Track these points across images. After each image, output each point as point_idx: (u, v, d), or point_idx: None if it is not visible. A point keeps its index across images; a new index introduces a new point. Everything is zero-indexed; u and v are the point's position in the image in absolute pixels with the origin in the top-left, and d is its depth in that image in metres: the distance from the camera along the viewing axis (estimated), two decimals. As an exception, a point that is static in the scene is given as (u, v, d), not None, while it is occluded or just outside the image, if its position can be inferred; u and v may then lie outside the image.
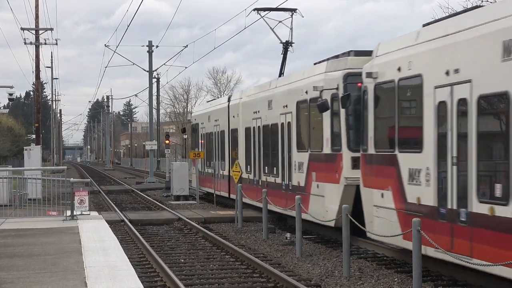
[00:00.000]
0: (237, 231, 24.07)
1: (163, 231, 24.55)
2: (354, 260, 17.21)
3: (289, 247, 19.80)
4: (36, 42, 47.17)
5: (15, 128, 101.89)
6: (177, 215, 27.72)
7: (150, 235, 23.43)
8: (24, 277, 12.80)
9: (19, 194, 27.90)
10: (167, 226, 26.06)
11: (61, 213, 23.98)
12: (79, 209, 23.53)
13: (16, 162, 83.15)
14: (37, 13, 46.93)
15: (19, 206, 26.64)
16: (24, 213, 24.65)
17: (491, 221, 12.16)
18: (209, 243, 21.15)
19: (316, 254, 18.64)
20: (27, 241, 18.08)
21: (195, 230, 24.17)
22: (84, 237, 18.43)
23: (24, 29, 48.21)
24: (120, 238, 21.18)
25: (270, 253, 19.05)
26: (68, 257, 15.05)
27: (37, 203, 25.41)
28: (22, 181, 28.75)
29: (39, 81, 48.82)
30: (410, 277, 14.50)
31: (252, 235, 22.97)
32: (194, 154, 34.77)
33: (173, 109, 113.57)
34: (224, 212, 29.23)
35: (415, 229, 12.66)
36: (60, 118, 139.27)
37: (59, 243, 17.39)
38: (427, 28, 15.15)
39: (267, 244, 20.85)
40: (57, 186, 25.20)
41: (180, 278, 15.03)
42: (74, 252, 15.78)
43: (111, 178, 69.89)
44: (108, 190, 46.38)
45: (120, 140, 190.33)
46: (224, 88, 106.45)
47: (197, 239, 22.25)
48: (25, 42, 48.46)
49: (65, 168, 27.53)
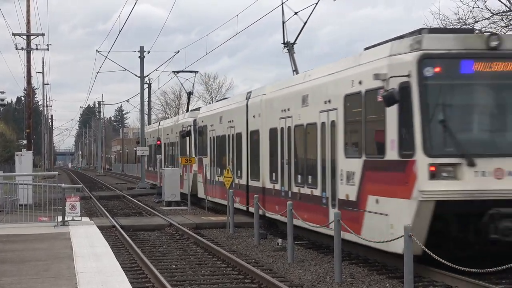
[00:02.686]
0: (229, 237, 24.06)
1: (154, 237, 24.52)
2: (345, 265, 17.22)
3: (281, 253, 19.80)
4: (28, 47, 47.07)
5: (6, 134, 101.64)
6: (168, 221, 27.69)
7: (142, 241, 23.41)
8: (15, 283, 12.77)
9: (10, 199, 27.82)
10: (159, 232, 26.03)
11: (53, 219, 23.93)
12: (71, 215, 23.48)
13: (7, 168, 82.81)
14: (28, 19, 46.83)
15: (10, 211, 26.57)
16: (15, 219, 24.58)
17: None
18: (200, 249, 21.14)
19: (307, 259, 18.65)
20: (18, 247, 18.03)
21: (187, 236, 24.15)
22: (76, 243, 18.39)
23: (15, 34, 48.09)
24: (112, 244, 21.14)
25: (261, 259, 19.05)
26: (60, 263, 15.03)
27: (28, 208, 25.34)
28: (13, 186, 28.65)
29: (30, 86, 48.70)
30: (402, 282, 14.52)
31: (244, 241, 22.97)
32: (186, 160, 34.67)
33: (165, 115, 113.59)
34: (215, 218, 29.22)
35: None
36: (52, 124, 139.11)
37: (51, 249, 17.35)
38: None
39: (258, 250, 20.85)
40: (48, 191, 25.14)
41: (171, 284, 15.03)
42: (66, 258, 15.75)
43: (103, 183, 69.78)
44: (100, 196, 46.30)
45: (111, 145, 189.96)
46: (215, 94, 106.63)
47: (189, 245, 22.24)
48: (16, 48, 48.44)
49: (57, 173, 27.40)
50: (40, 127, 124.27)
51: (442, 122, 14.94)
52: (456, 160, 14.64)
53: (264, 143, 24.73)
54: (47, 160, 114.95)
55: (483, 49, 15.07)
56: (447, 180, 14.59)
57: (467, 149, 14.73)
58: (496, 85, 15.32)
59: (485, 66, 15.06)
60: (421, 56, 14.96)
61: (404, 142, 15.17)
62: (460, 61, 15.04)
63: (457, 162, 14.62)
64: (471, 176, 14.58)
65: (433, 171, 14.57)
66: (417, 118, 14.80)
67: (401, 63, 15.34)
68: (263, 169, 24.85)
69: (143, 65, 58.66)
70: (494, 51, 15.04)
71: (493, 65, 15.09)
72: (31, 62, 47.34)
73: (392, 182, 15.53)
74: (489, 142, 15.20)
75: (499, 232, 14.38)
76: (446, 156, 14.71)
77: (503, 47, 15.10)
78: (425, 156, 14.64)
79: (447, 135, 14.95)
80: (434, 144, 14.78)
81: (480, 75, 15.06)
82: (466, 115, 15.39)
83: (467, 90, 15.35)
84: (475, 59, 15.03)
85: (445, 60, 15.02)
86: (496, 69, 15.09)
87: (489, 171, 14.63)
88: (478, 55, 15.03)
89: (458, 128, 15.09)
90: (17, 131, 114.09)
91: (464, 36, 15.48)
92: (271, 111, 24.01)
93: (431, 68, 14.97)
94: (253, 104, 26.17)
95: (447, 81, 15.15)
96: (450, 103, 15.20)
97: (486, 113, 15.47)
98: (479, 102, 15.47)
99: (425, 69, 14.94)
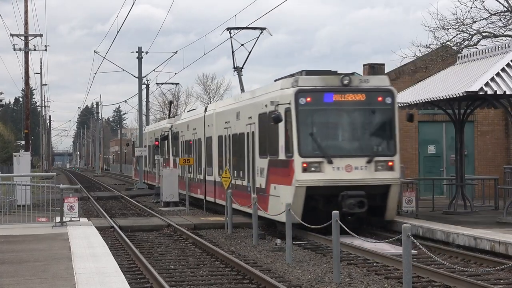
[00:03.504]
0: (227, 237, 24.07)
1: (153, 237, 24.52)
2: (344, 266, 17.24)
3: (279, 253, 19.81)
4: (25, 48, 47.09)
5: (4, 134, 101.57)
6: (166, 221, 27.69)
7: (140, 241, 23.40)
8: (14, 283, 12.77)
9: (8, 200, 27.83)
10: (157, 232, 26.04)
11: (51, 220, 23.96)
12: (69, 216, 23.51)
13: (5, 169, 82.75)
14: (26, 19, 46.83)
15: (8, 212, 26.59)
16: (13, 220, 24.60)
17: None
18: (199, 249, 21.14)
19: (306, 260, 18.65)
20: (17, 247, 18.03)
21: (185, 236, 24.15)
22: (74, 244, 18.40)
23: (13, 35, 48.10)
24: (110, 244, 21.15)
25: (260, 259, 19.05)
26: (58, 263, 15.03)
27: (27, 209, 25.38)
28: (12, 187, 28.68)
29: (28, 87, 48.71)
30: (400, 283, 14.56)
31: (242, 241, 22.98)
32: (184, 160, 34.85)
33: (163, 115, 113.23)
34: (214, 218, 29.23)
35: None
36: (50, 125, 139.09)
37: (49, 250, 17.36)
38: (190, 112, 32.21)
39: (257, 250, 20.85)
40: (46, 192, 25.20)
41: (170, 284, 15.03)
42: (64, 258, 15.75)
43: (101, 184, 69.81)
44: (98, 197, 46.31)
45: (109, 146, 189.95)
46: (214, 94, 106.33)
47: (187, 245, 22.24)
48: (14, 48, 48.43)
49: (55, 174, 27.40)
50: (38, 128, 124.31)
51: (311, 134, 22.25)
52: (320, 159, 22.02)
53: (215, 147, 31.31)
54: (45, 161, 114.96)
55: (339, 85, 22.38)
56: (314, 173, 21.91)
57: (327, 152, 22.10)
58: (347, 109, 22.49)
59: (340, 97, 22.30)
60: (297, 90, 22.17)
61: (287, 148, 22.30)
62: (323, 93, 22.32)
63: (321, 161, 22.02)
64: (330, 170, 21.97)
65: (305, 167, 21.86)
66: (294, 132, 22.03)
67: (285, 95, 22.50)
68: (214, 166, 31.58)
69: (141, 65, 58.72)
70: (346, 87, 22.37)
71: (345, 96, 22.33)
72: (29, 63, 47.41)
73: (282, 174, 22.64)
74: (342, 148, 22.62)
75: (346, 207, 21.47)
76: (313, 157, 22.02)
77: (352, 84, 22.43)
78: (299, 157, 21.92)
79: (314, 143, 22.22)
80: (305, 149, 22.05)
81: (336, 103, 22.33)
82: (327, 130, 22.79)
83: (328, 113, 22.62)
84: (333, 92, 22.31)
85: (313, 93, 22.21)
86: (347, 99, 22.34)
87: (341, 167, 22.02)
88: (335, 90, 22.35)
89: (321, 139, 22.39)
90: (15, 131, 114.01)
91: (326, 77, 22.68)
92: (219, 122, 30.71)
93: (304, 98, 22.11)
94: (208, 116, 32.98)
95: (315, 107, 22.25)
96: (316, 122, 22.51)
97: (340, 128, 22.89)
98: (336, 121, 22.80)
99: (300, 99, 22.09)
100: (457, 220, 23.07)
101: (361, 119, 22.68)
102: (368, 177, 22.07)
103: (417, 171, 33.29)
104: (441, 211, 26.15)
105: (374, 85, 22.68)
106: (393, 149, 22.55)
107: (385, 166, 22.28)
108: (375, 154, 22.27)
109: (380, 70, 35.14)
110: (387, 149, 22.58)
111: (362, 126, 22.72)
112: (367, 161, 22.11)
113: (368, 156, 22.17)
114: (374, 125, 22.80)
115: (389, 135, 22.71)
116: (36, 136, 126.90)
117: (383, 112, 22.74)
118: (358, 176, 21.98)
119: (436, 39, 35.18)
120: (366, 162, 22.11)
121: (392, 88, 22.92)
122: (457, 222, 22.42)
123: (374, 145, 22.58)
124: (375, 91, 22.58)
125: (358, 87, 22.45)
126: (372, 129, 22.75)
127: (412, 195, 24.59)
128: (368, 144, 22.55)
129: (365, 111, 22.61)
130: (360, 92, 22.42)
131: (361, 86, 22.51)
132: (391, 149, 22.57)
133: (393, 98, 22.67)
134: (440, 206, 26.94)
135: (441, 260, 14.27)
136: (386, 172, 22.26)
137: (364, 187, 21.84)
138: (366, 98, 22.41)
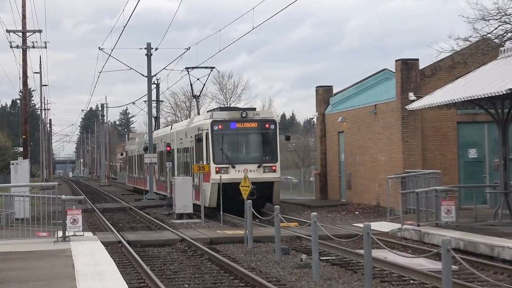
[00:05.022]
0: (247, 252, 24.06)
1: (165, 253, 24.55)
2: (377, 283, 17.18)
3: (305, 270, 19.77)
4: (23, 45, 47.39)
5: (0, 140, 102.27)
6: (180, 236, 27.73)
7: (151, 257, 23.44)
8: (13, 305, 12.80)
9: (5, 213, 27.94)
10: (169, 247, 26.07)
11: (52, 234, 24.03)
12: (72, 230, 23.58)
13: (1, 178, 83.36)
14: (24, 14, 47.16)
15: (5, 226, 26.70)
16: (11, 235, 24.70)
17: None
18: (216, 266, 21.15)
19: (334, 277, 18.61)
20: (16, 265, 18.11)
21: (201, 252, 24.17)
22: (78, 261, 18.45)
23: (10, 31, 48.37)
24: (117, 261, 21.20)
25: (284, 277, 19.02)
26: (61, 283, 15.08)
27: (25, 223, 25.48)
28: (9, 198, 28.77)
29: (26, 88, 49.01)
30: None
31: (264, 256, 22.96)
32: (199, 167, 35.17)
33: (175, 118, 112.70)
34: (232, 231, 29.25)
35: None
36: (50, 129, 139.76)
37: (51, 268, 17.42)
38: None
39: (280, 266, 20.83)
40: (47, 204, 25.24)
41: (184, 305, 15.02)
42: (67, 277, 15.80)
43: (107, 195, 69.98)
44: (104, 208, 46.44)
45: (116, 152, 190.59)
46: (230, 94, 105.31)
47: (203, 262, 22.25)
48: (11, 46, 48.59)
49: (56, 184, 27.53)
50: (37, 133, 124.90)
51: (221, 149, 37.27)
52: (227, 165, 37.00)
53: (176, 157, 46.76)
54: (45, 169, 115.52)
55: (239, 117, 37.60)
56: (223, 174, 36.44)
57: (231, 161, 37.11)
58: (244, 133, 37.72)
59: (240, 124, 37.44)
60: (212, 121, 37.50)
61: (207, 158, 37.44)
62: (229, 123, 37.44)
63: (227, 166, 37.01)
64: (233, 172, 36.74)
65: (217, 170, 36.69)
66: (210, 147, 37.25)
67: (205, 123, 37.99)
68: (177, 170, 46.68)
69: (150, 63, 58.44)
70: (244, 118, 37.53)
71: (244, 124, 37.45)
72: (27, 61, 47.68)
73: (205, 175, 36.83)
74: (241, 158, 37.63)
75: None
76: (223, 164, 37.01)
77: (248, 116, 37.56)
78: (214, 164, 36.92)
79: (223, 155, 37.22)
80: (217, 159, 37.18)
81: (238, 129, 37.49)
82: (231, 146, 37.69)
83: (232, 135, 37.56)
84: (236, 122, 37.42)
85: (223, 122, 37.45)
86: (245, 126, 37.50)
87: (241, 170, 36.35)
88: (237, 120, 37.49)
89: (228, 152, 37.40)
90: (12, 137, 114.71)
91: (231, 112, 38.74)
92: (177, 138, 46.74)
93: (217, 126, 37.34)
94: (172, 133, 49.29)
95: (224, 131, 37.40)
96: (225, 141, 37.52)
97: (240, 145, 37.97)
98: (237, 140, 37.70)
99: (214, 126, 37.34)
100: (502, 232, 22.99)
101: (254, 139, 38.17)
102: (259, 177, 36.55)
103: (457, 178, 33.20)
104: (484, 222, 26.03)
105: (263, 117, 38.18)
106: (275, 158, 37.76)
107: (269, 169, 37.27)
108: (263, 161, 37.47)
109: (414, 65, 35.13)
110: (271, 158, 37.70)
111: (254, 144, 38.20)
112: (257, 166, 37.17)
113: (258, 163, 37.34)
114: (262, 143, 38.09)
115: (273, 149, 37.98)
116: (36, 142, 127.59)
117: (268, 134, 37.93)
118: (252, 176, 34.08)
119: (475, 31, 34.95)
120: (257, 167, 37.13)
121: (275, 118, 40.29)
122: (502, 234, 22.36)
123: (262, 156, 37.76)
124: (263, 121, 37.95)
125: (252, 118, 37.71)
126: (261, 146, 38.11)
127: (452, 205, 24.54)
128: (259, 155, 37.86)
129: (257, 134, 38.07)
130: (253, 122, 37.74)
131: (254, 118, 37.81)
132: (274, 158, 37.72)
133: (275, 125, 37.97)
134: (483, 216, 26.83)
135: (485, 277, 14.20)
136: (271, 173, 37.27)
137: (256, 183, 33.37)
138: (257, 125, 37.72)
